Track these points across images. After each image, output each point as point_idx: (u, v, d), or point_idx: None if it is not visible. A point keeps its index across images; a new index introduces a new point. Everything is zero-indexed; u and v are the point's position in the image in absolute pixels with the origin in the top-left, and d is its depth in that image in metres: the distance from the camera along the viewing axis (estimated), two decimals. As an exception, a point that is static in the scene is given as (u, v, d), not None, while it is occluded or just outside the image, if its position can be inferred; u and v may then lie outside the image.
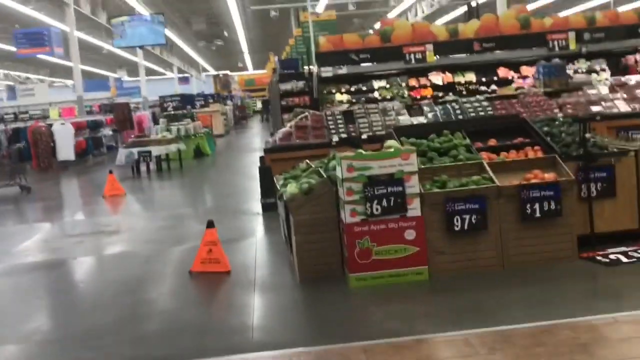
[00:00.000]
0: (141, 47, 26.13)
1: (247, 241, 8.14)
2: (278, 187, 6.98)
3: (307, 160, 7.53)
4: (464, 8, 25.42)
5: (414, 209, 5.67)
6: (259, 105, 60.90)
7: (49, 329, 5.62)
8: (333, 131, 9.94)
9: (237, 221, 9.45)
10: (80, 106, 24.77)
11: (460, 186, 5.81)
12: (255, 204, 10.36)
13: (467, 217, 5.71)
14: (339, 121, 10.16)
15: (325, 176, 6.24)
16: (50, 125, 20.00)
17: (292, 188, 6.22)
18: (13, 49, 23.89)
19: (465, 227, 5.72)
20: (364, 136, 9.73)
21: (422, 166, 6.02)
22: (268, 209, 9.54)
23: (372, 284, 5.66)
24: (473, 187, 5.78)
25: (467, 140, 6.55)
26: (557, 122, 7.06)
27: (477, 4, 18.83)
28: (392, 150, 5.78)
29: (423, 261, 5.71)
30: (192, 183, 14.85)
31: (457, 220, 5.72)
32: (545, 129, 6.88)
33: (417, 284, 5.66)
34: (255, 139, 27.67)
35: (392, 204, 5.61)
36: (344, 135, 9.82)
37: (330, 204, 5.97)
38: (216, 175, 16.20)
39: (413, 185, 5.65)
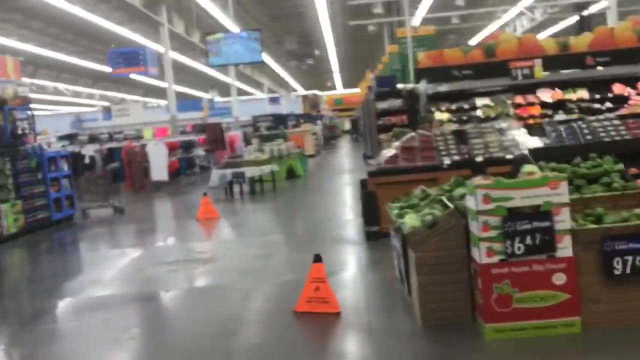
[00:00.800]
0: (237, 64, 25.95)
1: (352, 275, 7.37)
2: (392, 216, 6.16)
3: (423, 187, 6.68)
4: (570, 20, 24.03)
5: (565, 248, 4.73)
6: (347, 125, 60.62)
7: (140, 377, 5.00)
8: (444, 153, 9.05)
9: (337, 251, 8.68)
10: (173, 126, 24.82)
11: (621, 221, 4.82)
12: (353, 231, 9.64)
13: (630, 258, 4.71)
14: (450, 142, 9.27)
15: (451, 206, 5.38)
16: (144, 145, 19.97)
17: (412, 220, 5.40)
18: (109, 69, 24.21)
19: (628, 270, 4.72)
20: (479, 158, 8.82)
21: (570, 196, 5.07)
22: (372, 238, 8.76)
23: (513, 337, 4.74)
24: (638, 222, 4.78)
25: (621, 165, 5.55)
26: None
27: (590, 14, 17.56)
28: (536, 177, 4.87)
29: (575, 311, 4.75)
30: (286, 206, 14.25)
31: (618, 263, 4.72)
32: None
33: (567, 338, 4.70)
34: (346, 160, 27.02)
35: (537, 241, 4.69)
36: (456, 158, 8.90)
37: (460, 239, 5.11)
38: (309, 197, 15.56)
39: (563, 220, 4.71)
